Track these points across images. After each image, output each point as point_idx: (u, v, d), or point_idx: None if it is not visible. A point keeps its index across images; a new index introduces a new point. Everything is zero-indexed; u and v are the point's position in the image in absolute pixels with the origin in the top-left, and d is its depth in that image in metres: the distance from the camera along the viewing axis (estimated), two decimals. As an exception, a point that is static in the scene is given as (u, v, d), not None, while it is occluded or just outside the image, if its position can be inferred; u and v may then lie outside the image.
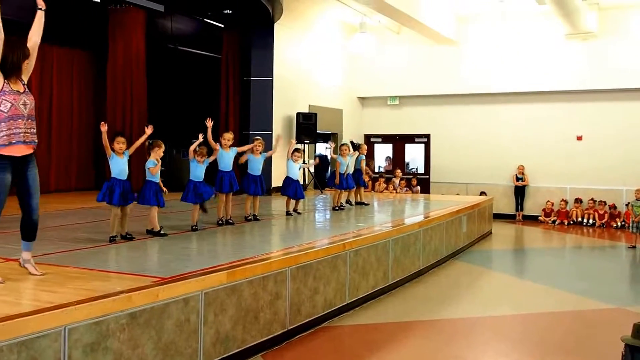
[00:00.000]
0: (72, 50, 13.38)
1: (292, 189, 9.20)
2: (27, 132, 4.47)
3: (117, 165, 6.36)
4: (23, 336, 3.44)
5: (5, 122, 4.36)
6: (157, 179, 6.86)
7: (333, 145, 11.14)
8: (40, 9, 4.63)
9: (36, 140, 4.58)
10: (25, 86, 4.56)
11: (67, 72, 13.41)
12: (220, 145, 7.95)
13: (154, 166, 6.76)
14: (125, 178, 6.40)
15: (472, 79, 16.63)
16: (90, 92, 13.93)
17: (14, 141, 4.39)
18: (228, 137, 8.07)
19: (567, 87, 15.73)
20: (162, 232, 6.92)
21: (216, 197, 8.08)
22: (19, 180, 4.51)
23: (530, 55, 16.04)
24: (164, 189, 6.99)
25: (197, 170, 7.54)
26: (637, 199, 11.66)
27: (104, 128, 6.21)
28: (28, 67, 4.57)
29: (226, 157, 8.04)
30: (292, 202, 9.45)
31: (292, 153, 9.24)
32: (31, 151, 4.55)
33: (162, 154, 6.89)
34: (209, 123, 7.67)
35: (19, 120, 4.42)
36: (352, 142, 11.33)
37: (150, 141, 7.04)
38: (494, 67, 16.42)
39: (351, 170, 10.82)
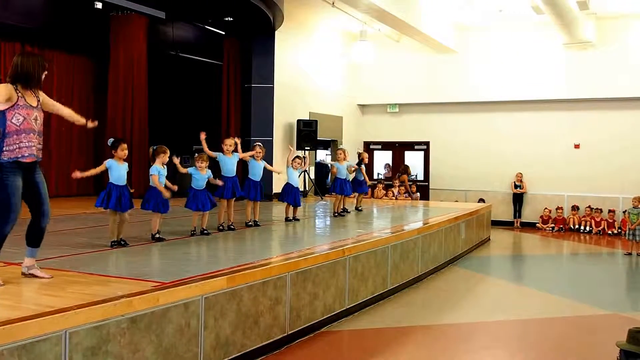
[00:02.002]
0: (73, 56, 13.39)
1: (291, 196, 9.22)
2: (38, 148, 4.54)
3: (116, 171, 6.39)
4: (24, 340, 3.47)
5: (17, 135, 4.39)
6: (162, 184, 6.85)
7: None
8: (86, 125, 4.89)
9: (41, 157, 4.65)
10: (39, 102, 4.57)
11: (68, 78, 13.42)
12: (222, 151, 7.97)
13: (155, 173, 6.78)
14: (123, 184, 6.41)
15: (471, 87, 16.72)
16: (91, 99, 13.93)
17: (26, 154, 4.44)
18: (229, 142, 8.08)
19: (565, 95, 15.80)
20: (157, 236, 6.93)
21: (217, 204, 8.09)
22: (27, 187, 4.57)
23: (528, 64, 16.12)
24: (173, 187, 6.91)
25: (199, 180, 7.50)
26: (634, 207, 11.71)
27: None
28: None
29: (229, 163, 8.04)
30: (292, 208, 9.49)
31: (293, 160, 9.26)
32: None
33: (167, 160, 6.90)
34: (203, 136, 7.68)
35: (31, 134, 4.46)
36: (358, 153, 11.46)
37: (155, 147, 7.05)
38: (493, 75, 16.50)
39: (350, 177, 10.84)
